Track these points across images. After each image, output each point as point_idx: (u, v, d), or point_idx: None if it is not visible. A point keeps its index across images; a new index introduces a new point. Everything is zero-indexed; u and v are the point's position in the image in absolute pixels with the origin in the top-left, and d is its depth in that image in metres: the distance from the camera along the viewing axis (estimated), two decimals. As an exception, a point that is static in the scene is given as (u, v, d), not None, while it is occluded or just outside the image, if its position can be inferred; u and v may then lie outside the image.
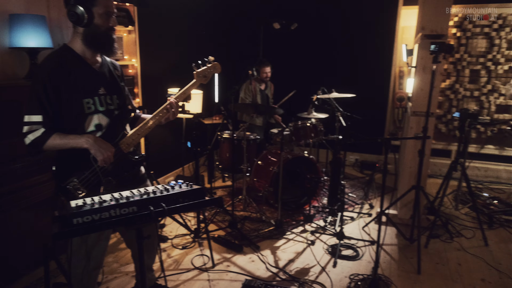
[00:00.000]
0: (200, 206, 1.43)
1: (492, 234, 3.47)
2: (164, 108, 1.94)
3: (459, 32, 4.70)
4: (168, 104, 1.95)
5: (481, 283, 2.73)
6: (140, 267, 1.48)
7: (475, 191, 4.37)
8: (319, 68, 5.39)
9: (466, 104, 4.84)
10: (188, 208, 1.40)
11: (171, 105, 1.95)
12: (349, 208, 3.96)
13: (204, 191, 1.43)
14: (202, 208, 2.99)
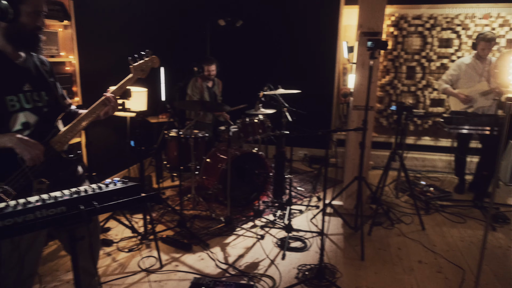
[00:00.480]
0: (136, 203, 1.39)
1: (429, 219, 3.71)
2: (100, 103, 1.87)
3: (396, 31, 4.98)
4: (104, 98, 1.87)
5: (418, 264, 2.91)
6: (74, 271, 1.41)
7: (413, 180, 4.65)
8: (267, 64, 5.45)
9: (404, 99, 5.14)
10: (123, 206, 1.35)
11: (108, 99, 1.87)
12: (298, 202, 4.06)
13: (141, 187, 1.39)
14: (139, 205, 2.91)
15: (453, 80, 4.22)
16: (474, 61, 4.08)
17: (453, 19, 4.80)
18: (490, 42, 3.87)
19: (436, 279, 2.72)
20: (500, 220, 3.65)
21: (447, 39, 4.88)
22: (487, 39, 3.87)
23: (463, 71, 4.14)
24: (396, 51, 5.03)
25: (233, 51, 5.45)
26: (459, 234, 3.42)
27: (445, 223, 3.63)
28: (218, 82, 4.68)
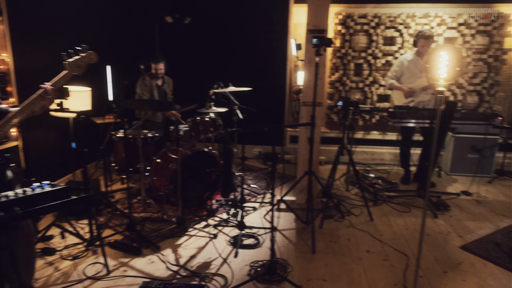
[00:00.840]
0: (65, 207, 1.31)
1: (377, 210, 3.86)
2: (38, 96, 1.75)
3: (344, 29, 5.12)
4: (43, 91, 1.76)
5: (366, 254, 3.02)
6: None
7: (363, 173, 4.83)
8: (218, 62, 5.40)
9: (353, 95, 5.31)
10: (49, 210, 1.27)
11: (46, 92, 1.76)
12: (252, 199, 4.06)
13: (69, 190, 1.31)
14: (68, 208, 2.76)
15: (397, 76, 4.42)
16: (415, 58, 4.29)
17: (396, 18, 5.03)
18: (429, 39, 4.09)
19: (383, 267, 2.83)
20: (441, 207, 3.87)
21: (391, 37, 5.10)
22: (425, 37, 4.08)
23: (405, 67, 4.34)
24: (344, 48, 5.18)
25: (184, 49, 5.35)
26: (404, 223, 3.58)
27: (392, 213, 3.79)
28: (168, 80, 4.58)
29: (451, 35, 5.01)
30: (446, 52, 1.92)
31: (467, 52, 5.03)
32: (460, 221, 3.64)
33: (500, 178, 4.87)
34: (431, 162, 2.32)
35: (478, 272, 2.78)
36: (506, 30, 4.96)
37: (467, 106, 5.21)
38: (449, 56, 1.91)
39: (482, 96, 5.18)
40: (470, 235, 3.34)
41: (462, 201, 4.12)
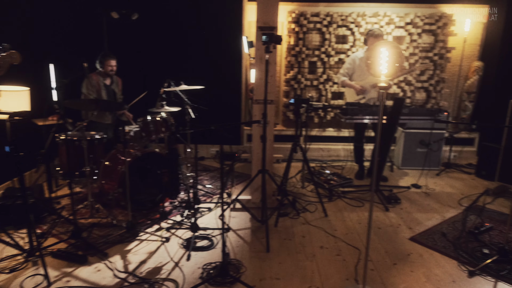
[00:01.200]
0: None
1: (332, 206, 3.91)
2: None
3: (297, 27, 5.16)
4: None
5: (320, 250, 3.04)
6: None
7: (319, 169, 4.89)
8: (171, 60, 5.26)
9: (308, 93, 5.36)
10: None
11: None
12: (208, 199, 3.99)
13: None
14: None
15: (349, 73, 4.51)
16: (366, 56, 4.40)
17: (347, 17, 5.13)
18: (378, 38, 4.20)
19: (335, 262, 2.86)
20: (392, 201, 3.99)
21: (343, 35, 5.20)
22: (375, 35, 4.19)
23: (357, 65, 4.44)
24: (298, 47, 5.21)
25: (133, 46, 5.15)
26: (357, 217, 3.65)
27: (346, 208, 3.85)
28: (117, 79, 4.38)
29: (399, 34, 5.19)
30: (386, 48, 1.95)
31: (414, 50, 5.24)
32: (410, 213, 3.76)
33: (447, 170, 5.11)
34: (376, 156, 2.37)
35: (425, 262, 2.88)
36: (449, 30, 5.21)
37: (415, 102, 5.42)
38: (389, 52, 1.95)
39: (429, 92, 5.41)
40: (419, 227, 3.46)
41: (412, 194, 4.28)
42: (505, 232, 3.31)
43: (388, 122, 3.96)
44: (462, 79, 5.49)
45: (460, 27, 5.22)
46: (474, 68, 5.34)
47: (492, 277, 2.69)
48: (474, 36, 5.36)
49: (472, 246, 3.11)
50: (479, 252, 2.99)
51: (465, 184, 4.63)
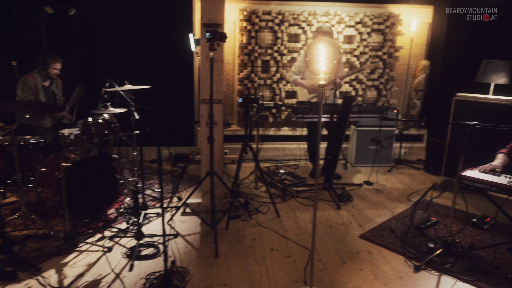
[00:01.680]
0: None
1: (285, 206, 3.87)
2: None
3: (249, 26, 5.08)
4: None
5: (270, 252, 2.97)
6: None
7: (274, 169, 4.85)
8: (116, 59, 4.94)
9: (261, 92, 5.31)
10: None
11: None
12: (157, 204, 3.82)
13: None
14: None
15: (300, 71, 4.49)
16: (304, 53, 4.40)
17: (299, 15, 5.12)
18: (326, 35, 4.20)
19: (285, 264, 2.80)
20: (344, 198, 4.01)
21: (295, 34, 5.18)
22: (323, 32, 4.20)
23: (308, 64, 4.43)
24: (250, 45, 5.14)
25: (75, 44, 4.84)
26: (309, 217, 3.63)
27: (299, 208, 3.82)
28: (56, 80, 4.09)
29: (349, 33, 5.25)
30: (324, 45, 1.91)
31: (364, 49, 5.32)
32: (361, 210, 3.80)
33: (398, 166, 5.24)
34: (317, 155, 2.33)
35: (373, 259, 2.89)
36: (397, 29, 5.34)
37: (367, 100, 5.52)
38: (326, 49, 1.91)
39: (380, 91, 5.52)
40: (369, 224, 3.49)
41: (364, 191, 4.33)
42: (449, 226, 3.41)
43: (338, 120, 3.98)
44: (411, 78, 5.66)
45: (407, 27, 5.37)
46: (421, 66, 5.51)
47: (437, 270, 2.75)
48: (421, 36, 5.53)
49: (419, 241, 3.17)
50: (425, 247, 3.05)
51: (414, 180, 4.76)
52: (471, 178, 2.67)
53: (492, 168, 2.74)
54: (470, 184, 2.67)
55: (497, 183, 2.55)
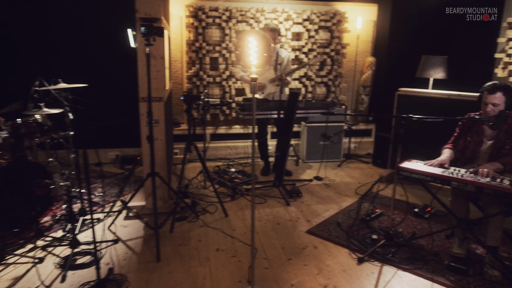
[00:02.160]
0: None
1: (234, 204, 3.80)
2: None
3: (196, 22, 4.96)
4: None
5: (215, 253, 2.89)
6: None
7: (225, 168, 4.77)
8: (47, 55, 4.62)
9: (211, 90, 5.21)
10: None
11: None
12: (99, 209, 3.61)
13: None
14: None
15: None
16: (234, 46, 4.37)
17: (246, 12, 5.07)
18: (273, 32, 4.19)
19: (230, 264, 2.73)
20: (294, 195, 4.01)
21: (243, 31, 5.13)
22: (270, 29, 4.17)
23: (255, 60, 4.39)
24: (198, 42, 5.02)
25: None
26: (258, 214, 3.59)
27: (248, 206, 3.77)
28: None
29: (297, 30, 5.28)
30: (254, 38, 1.86)
31: (312, 46, 5.37)
32: (310, 206, 3.81)
33: (348, 161, 5.34)
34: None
35: (319, 254, 2.90)
36: (343, 27, 5.44)
37: (317, 96, 5.58)
38: (257, 42, 1.85)
39: (329, 87, 5.60)
40: (316, 219, 3.51)
41: (313, 186, 4.36)
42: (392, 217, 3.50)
43: (285, 117, 3.97)
44: (358, 74, 5.79)
45: (353, 25, 5.49)
46: (368, 63, 5.66)
47: (379, 261, 2.79)
48: (366, 33, 5.68)
49: (364, 233, 3.22)
50: (369, 239, 3.10)
51: (362, 173, 4.87)
52: (408, 169, 2.73)
53: (439, 163, 2.78)
54: (408, 175, 2.74)
55: (432, 173, 2.62)
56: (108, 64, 4.84)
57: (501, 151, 2.78)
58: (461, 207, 2.83)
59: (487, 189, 2.40)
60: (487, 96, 2.71)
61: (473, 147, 2.92)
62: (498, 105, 2.68)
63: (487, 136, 2.87)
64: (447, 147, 3.02)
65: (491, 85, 2.73)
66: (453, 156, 2.95)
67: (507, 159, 2.71)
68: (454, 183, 2.52)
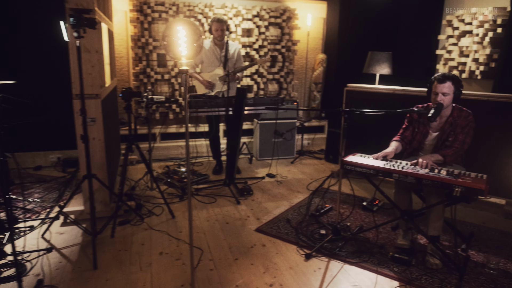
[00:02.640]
0: None
1: (182, 205, 3.66)
2: None
3: (141, 17, 4.75)
4: None
5: (158, 257, 2.74)
6: None
7: (175, 168, 4.61)
8: None
9: (159, 87, 5.02)
10: None
11: None
12: (33, 216, 3.34)
13: None
14: None
15: (196, 63, 4.32)
16: (213, 46, 4.26)
17: (194, 7, 4.93)
18: (221, 23, 4.09)
19: (173, 268, 2.60)
20: (245, 193, 3.93)
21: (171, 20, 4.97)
22: (217, 20, 4.08)
23: (204, 55, 4.27)
24: (144, 37, 4.81)
25: None
26: (207, 214, 3.47)
27: (197, 206, 3.65)
28: None
29: (247, 26, 5.21)
30: (182, 27, 1.75)
31: (263, 42, 5.33)
32: (261, 203, 3.75)
33: (301, 157, 5.35)
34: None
35: (266, 252, 2.83)
36: (293, 23, 5.44)
37: (269, 93, 5.55)
38: (186, 31, 1.75)
39: (281, 84, 5.59)
40: (266, 216, 3.45)
41: (266, 184, 4.31)
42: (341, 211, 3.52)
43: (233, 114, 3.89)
44: (310, 71, 5.82)
45: (303, 22, 5.50)
46: (319, 60, 5.70)
47: (326, 256, 2.78)
48: (317, 30, 5.72)
49: (313, 228, 3.21)
50: (317, 234, 3.09)
51: (315, 169, 4.89)
52: (352, 162, 2.74)
53: (384, 155, 2.81)
54: (352, 168, 2.74)
55: (374, 166, 2.64)
56: (43, 59, 4.52)
57: (444, 143, 2.86)
58: (404, 198, 2.88)
59: (426, 180, 2.45)
60: (437, 86, 2.77)
61: (420, 138, 2.98)
62: (448, 94, 2.74)
63: (432, 128, 2.94)
64: (394, 139, 3.06)
65: (441, 74, 2.80)
66: (401, 148, 3.00)
67: (447, 151, 2.79)
68: (395, 175, 2.55)
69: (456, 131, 2.81)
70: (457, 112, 2.84)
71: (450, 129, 2.84)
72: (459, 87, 2.77)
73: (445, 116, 2.87)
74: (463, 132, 2.81)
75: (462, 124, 2.81)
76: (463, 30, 4.32)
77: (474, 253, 2.86)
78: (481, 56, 4.11)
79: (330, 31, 5.66)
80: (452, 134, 2.83)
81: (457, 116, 2.83)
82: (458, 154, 2.80)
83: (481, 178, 2.42)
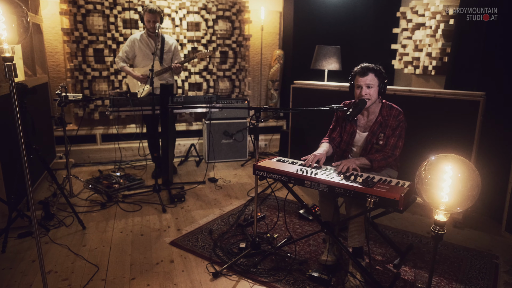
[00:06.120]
0: None
1: (102, 214, 3.32)
2: None
3: (74, 8, 4.39)
4: None
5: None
6: None
7: (109, 172, 4.27)
8: None
9: (98, 85, 4.66)
10: None
11: None
12: None
13: None
14: None
15: (129, 57, 3.99)
16: (146, 38, 3.93)
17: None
18: (153, 14, 3.75)
19: (56, 290, 2.27)
20: (176, 199, 3.60)
21: (131, 19, 4.64)
22: (148, 10, 3.75)
23: (137, 47, 3.95)
24: (78, 31, 4.46)
25: None
26: (124, 225, 3.13)
27: (118, 215, 3.30)
28: None
29: (194, 20, 4.87)
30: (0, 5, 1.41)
31: (212, 37, 4.99)
32: (189, 211, 3.41)
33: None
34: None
35: (172, 269, 2.50)
36: (245, 17, 5.11)
37: (220, 92, 5.21)
38: (2, 9, 1.41)
39: (233, 81, 5.26)
40: (189, 226, 3.12)
41: (204, 189, 3.97)
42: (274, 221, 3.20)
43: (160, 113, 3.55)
44: (267, 68, 5.50)
45: (256, 15, 5.18)
46: (275, 56, 5.38)
47: (238, 274, 2.45)
48: (273, 25, 5.39)
49: (235, 240, 2.88)
50: (236, 248, 2.76)
51: (264, 173, 4.55)
52: (264, 168, 2.41)
53: (315, 159, 2.46)
54: (264, 175, 2.41)
55: (286, 172, 2.32)
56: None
57: (374, 146, 2.55)
58: (327, 208, 2.56)
59: (338, 189, 2.13)
60: (359, 79, 2.47)
61: (347, 139, 2.67)
62: (372, 86, 2.44)
63: (360, 127, 2.64)
64: (324, 140, 2.75)
65: (361, 67, 2.50)
66: (331, 150, 2.69)
67: (375, 156, 2.48)
68: (307, 182, 2.23)
69: (386, 133, 2.50)
70: (386, 111, 2.54)
71: (379, 130, 2.53)
72: (383, 79, 2.46)
73: (373, 114, 2.56)
74: (394, 135, 2.50)
75: (392, 124, 2.51)
76: (416, 23, 4.02)
77: (407, 270, 2.54)
78: (434, 50, 3.80)
79: (287, 25, 5.34)
80: (382, 137, 2.52)
81: (387, 115, 2.53)
82: (388, 159, 2.49)
83: (401, 187, 2.10)
